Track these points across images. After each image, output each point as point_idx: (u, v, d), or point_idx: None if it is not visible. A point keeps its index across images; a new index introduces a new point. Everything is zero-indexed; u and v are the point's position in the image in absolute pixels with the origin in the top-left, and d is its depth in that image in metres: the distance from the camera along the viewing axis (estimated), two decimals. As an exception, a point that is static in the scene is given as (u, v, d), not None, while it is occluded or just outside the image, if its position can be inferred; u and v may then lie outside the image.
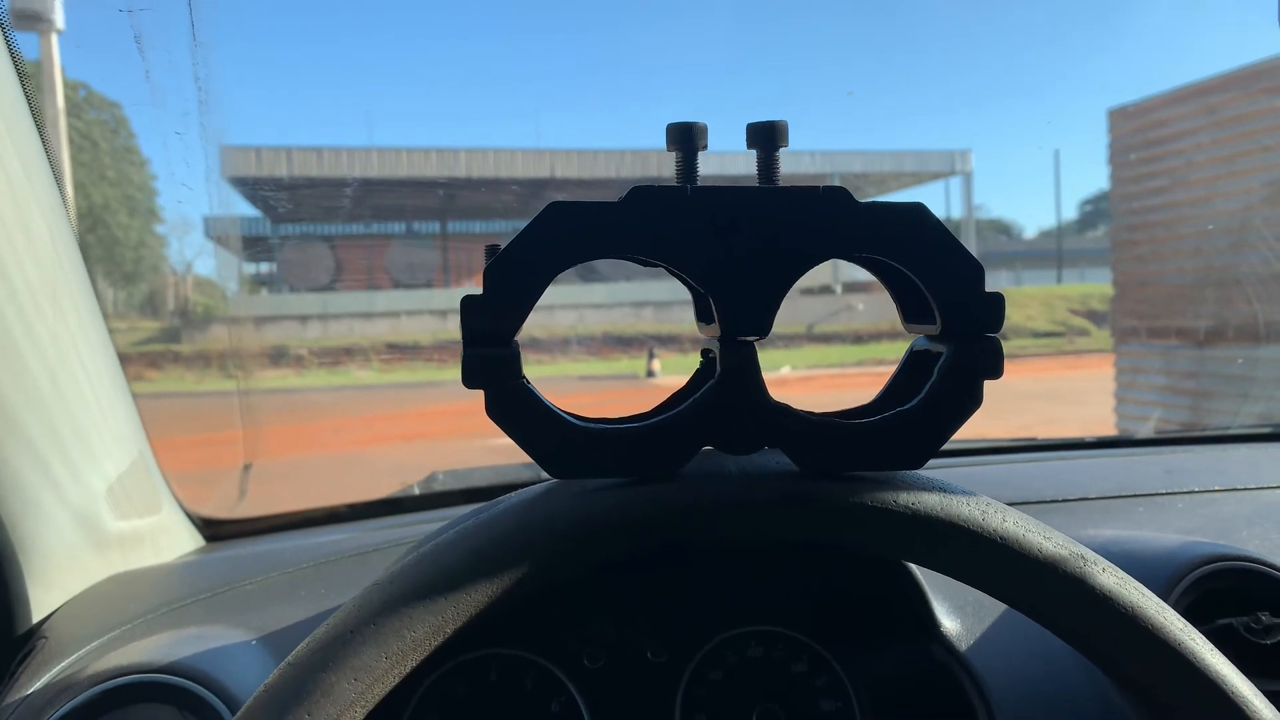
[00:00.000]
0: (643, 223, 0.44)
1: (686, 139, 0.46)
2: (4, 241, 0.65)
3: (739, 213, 0.45)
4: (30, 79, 0.69)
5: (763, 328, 0.45)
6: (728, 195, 0.45)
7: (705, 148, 0.47)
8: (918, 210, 0.45)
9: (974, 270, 0.45)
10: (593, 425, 0.45)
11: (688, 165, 0.46)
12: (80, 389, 0.78)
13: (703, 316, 0.52)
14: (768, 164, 0.46)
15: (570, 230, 0.44)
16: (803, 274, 0.46)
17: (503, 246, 0.44)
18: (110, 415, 0.85)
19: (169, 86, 0.68)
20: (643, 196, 0.44)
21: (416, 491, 1.20)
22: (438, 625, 0.42)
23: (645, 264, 0.47)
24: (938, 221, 0.45)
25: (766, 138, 0.46)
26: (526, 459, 0.45)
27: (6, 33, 0.63)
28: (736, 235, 0.45)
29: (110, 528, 0.85)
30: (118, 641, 0.74)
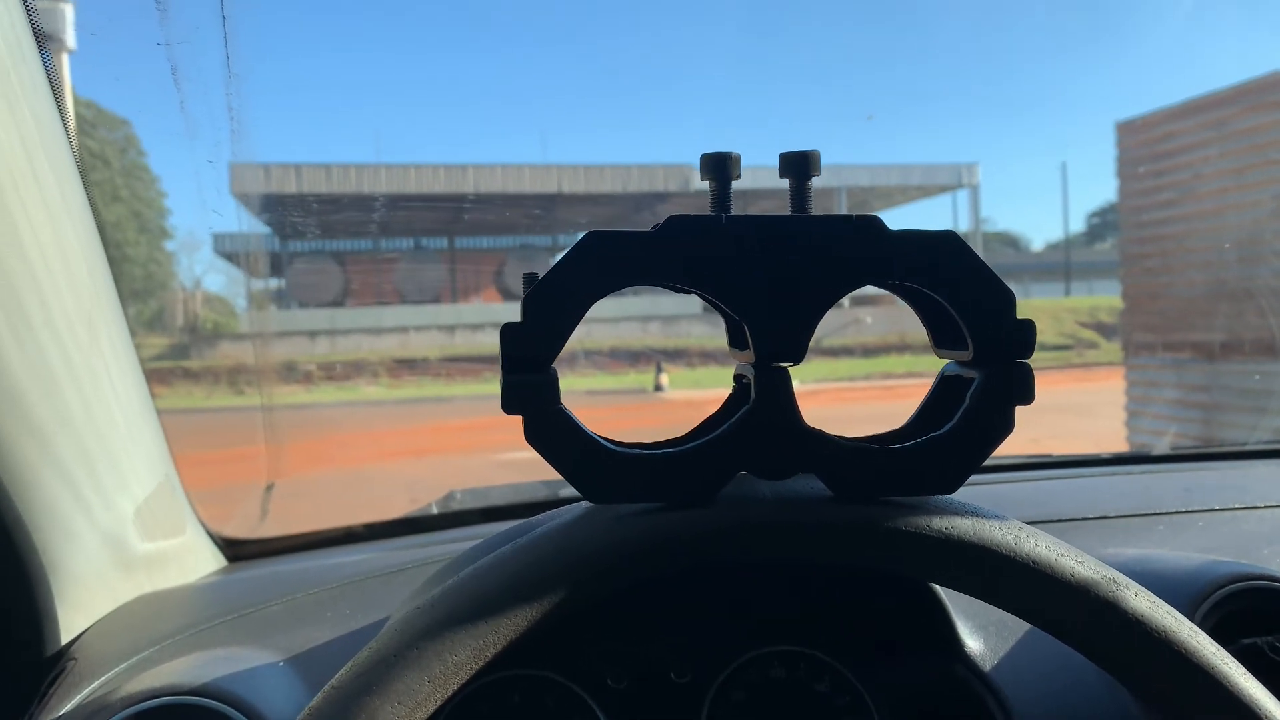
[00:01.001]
0: (678, 251, 0.45)
1: (720, 169, 0.47)
2: (44, 270, 0.66)
3: (772, 241, 0.45)
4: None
5: (797, 354, 0.46)
6: (761, 224, 0.46)
7: (739, 177, 0.48)
8: (950, 238, 0.46)
9: (1006, 297, 0.46)
10: (629, 450, 0.46)
11: (722, 194, 0.47)
12: (111, 413, 0.79)
13: (736, 342, 0.52)
14: (800, 192, 0.47)
15: (607, 259, 0.45)
16: (835, 301, 0.46)
17: (540, 275, 0.45)
18: (139, 438, 0.86)
19: (202, 117, 0.69)
20: (678, 225, 0.45)
21: (435, 510, 1.20)
22: (479, 649, 0.42)
23: (679, 290, 0.48)
24: (970, 250, 0.46)
25: (799, 167, 0.47)
26: (543, 477, 0.46)
27: (47, 64, 0.65)
28: (770, 263, 0.45)
29: (138, 549, 0.85)
30: (147, 663, 0.74)
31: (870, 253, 0.46)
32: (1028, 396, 0.47)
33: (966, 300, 0.46)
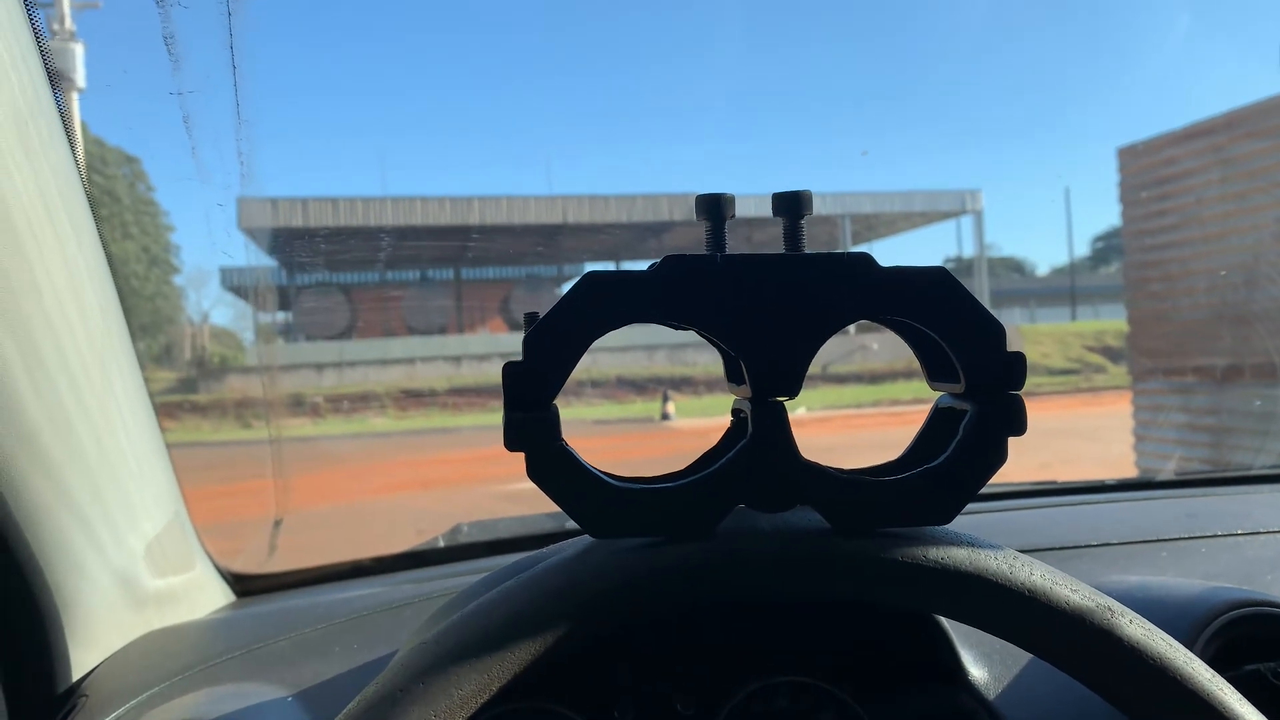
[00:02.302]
0: (675, 291, 0.46)
1: (715, 209, 0.48)
2: (58, 313, 0.68)
3: (767, 280, 0.47)
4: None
5: (793, 388, 0.47)
6: (756, 262, 0.47)
7: (733, 216, 0.49)
8: (940, 275, 0.47)
9: (996, 331, 0.47)
10: (629, 485, 0.47)
11: (717, 234, 0.48)
12: (123, 451, 0.80)
13: (733, 377, 0.53)
14: (794, 232, 0.48)
15: (605, 299, 0.46)
16: (830, 336, 0.48)
17: (541, 315, 0.46)
18: (150, 475, 0.87)
19: (213, 162, 0.71)
20: (674, 265, 0.46)
21: (441, 544, 1.21)
22: (484, 683, 0.43)
23: (677, 327, 0.49)
24: (959, 285, 0.47)
25: (792, 206, 0.48)
26: (549, 509, 0.47)
27: (60, 105, 0.67)
28: (765, 302, 0.46)
29: (148, 586, 0.86)
30: (157, 699, 0.75)
31: (863, 290, 0.47)
32: (1020, 428, 0.48)
33: (958, 335, 0.47)
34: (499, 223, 17.30)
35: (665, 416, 13.37)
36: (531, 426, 0.45)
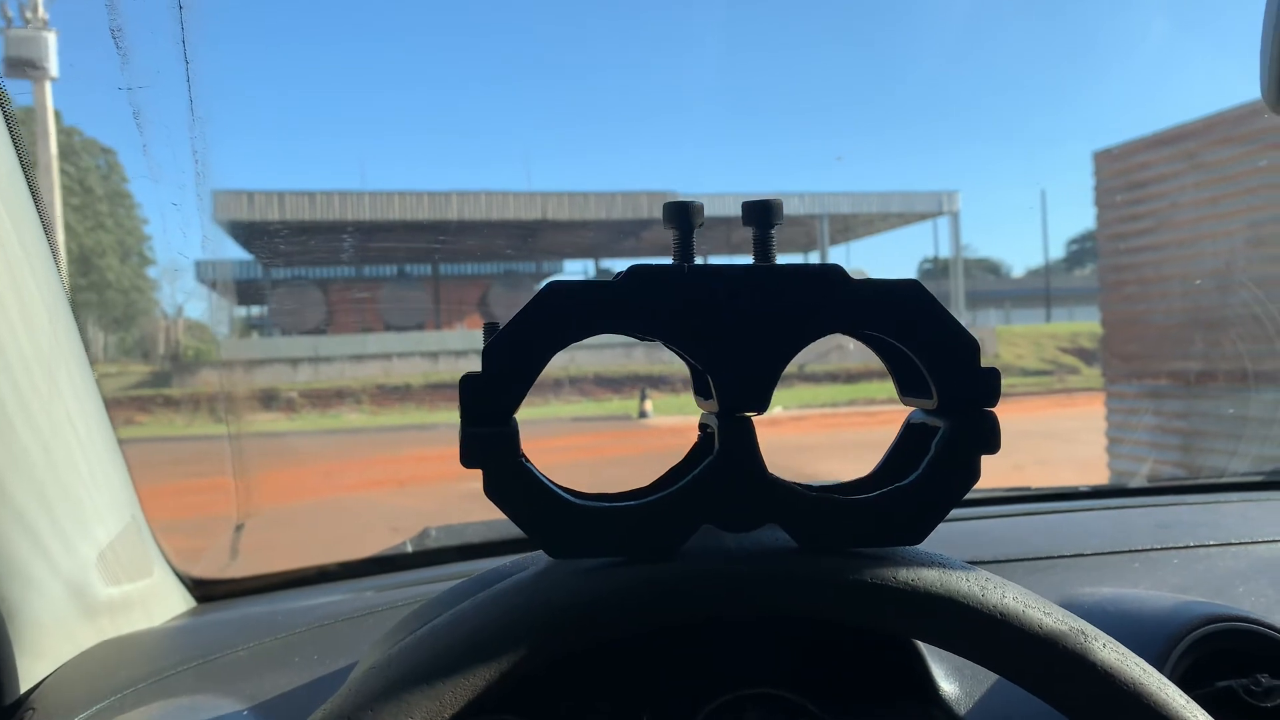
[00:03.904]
0: (640, 301, 0.45)
1: (683, 218, 0.47)
2: (0, 321, 0.65)
3: (736, 292, 0.45)
4: (25, 126, 0.69)
5: (761, 404, 0.46)
6: (724, 274, 0.45)
7: (702, 225, 0.48)
8: (913, 287, 0.46)
9: (969, 346, 0.46)
10: (590, 504, 0.45)
11: (684, 244, 0.47)
12: (73, 459, 0.78)
13: (701, 391, 0.52)
14: (763, 242, 0.47)
15: (568, 310, 0.44)
16: (800, 350, 0.46)
17: (501, 325, 0.45)
18: (103, 482, 0.84)
19: (166, 161, 0.68)
20: (640, 275, 0.45)
21: (409, 549, 1.19)
22: (435, 710, 0.41)
23: (643, 339, 0.48)
24: (933, 298, 0.46)
25: (761, 216, 0.47)
26: None
27: (7, 111, 0.64)
28: (733, 314, 0.45)
29: (101, 594, 0.84)
30: (107, 712, 0.73)
31: (833, 303, 0.45)
32: (993, 446, 0.46)
33: (930, 350, 0.46)
34: (477, 218, 17.22)
35: (643, 414, 13.36)
36: (490, 442, 0.44)
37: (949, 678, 0.75)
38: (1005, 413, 0.47)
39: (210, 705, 0.73)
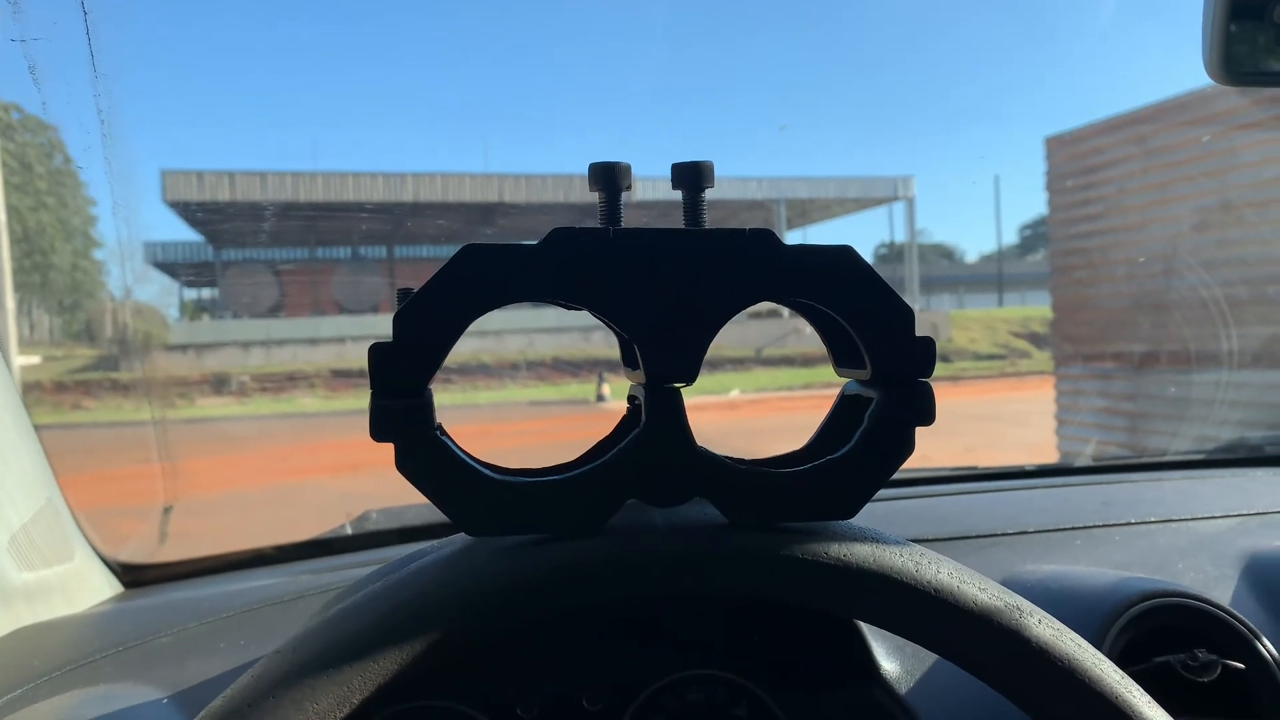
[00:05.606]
0: (563, 266, 0.43)
1: (609, 179, 0.44)
2: None
3: (663, 256, 0.43)
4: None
5: (689, 374, 0.44)
6: (652, 238, 0.43)
7: (629, 188, 0.46)
8: (846, 253, 0.44)
9: (904, 314, 0.44)
10: (510, 479, 0.43)
11: (611, 206, 0.45)
12: None
13: (628, 362, 0.50)
14: (694, 205, 0.45)
15: (486, 274, 0.42)
16: (730, 318, 0.44)
17: (414, 290, 0.42)
18: (13, 462, 0.80)
19: (70, 119, 0.64)
20: (563, 238, 0.43)
21: (349, 531, 1.16)
22: (343, 696, 0.39)
23: (569, 307, 0.46)
24: (866, 265, 0.44)
25: (691, 178, 0.45)
26: None
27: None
28: (660, 279, 0.43)
29: (14, 580, 0.80)
30: (18, 702, 0.69)
31: (764, 268, 0.44)
32: (928, 417, 0.45)
33: (863, 318, 0.44)
34: (433, 200, 17.01)
35: (600, 398, 13.33)
36: (401, 415, 0.41)
37: (890, 657, 0.74)
38: (958, 395, 0.46)
39: (128, 694, 0.70)
